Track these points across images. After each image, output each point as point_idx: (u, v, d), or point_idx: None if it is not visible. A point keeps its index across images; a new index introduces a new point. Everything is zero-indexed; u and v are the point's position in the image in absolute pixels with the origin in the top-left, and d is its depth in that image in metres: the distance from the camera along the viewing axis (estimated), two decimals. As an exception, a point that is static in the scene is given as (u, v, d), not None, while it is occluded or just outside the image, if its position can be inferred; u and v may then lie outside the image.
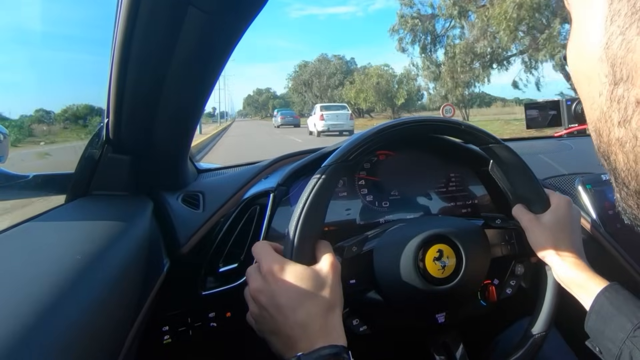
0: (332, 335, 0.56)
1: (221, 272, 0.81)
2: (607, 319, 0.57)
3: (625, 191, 0.32)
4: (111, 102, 0.70)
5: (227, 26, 0.60)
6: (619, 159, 0.31)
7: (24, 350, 0.33)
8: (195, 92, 0.73)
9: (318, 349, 0.53)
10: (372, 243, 0.72)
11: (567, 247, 0.68)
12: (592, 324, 0.60)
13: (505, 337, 0.87)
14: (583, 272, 0.65)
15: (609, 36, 0.28)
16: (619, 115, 0.29)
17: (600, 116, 0.31)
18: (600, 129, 0.32)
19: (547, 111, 1.50)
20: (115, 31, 0.60)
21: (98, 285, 0.48)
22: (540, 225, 0.70)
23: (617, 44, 0.28)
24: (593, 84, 0.31)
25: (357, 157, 0.68)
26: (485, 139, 0.74)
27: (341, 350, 0.54)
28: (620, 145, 0.30)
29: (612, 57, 0.28)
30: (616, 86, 0.29)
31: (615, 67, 0.28)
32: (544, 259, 0.70)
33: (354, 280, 0.72)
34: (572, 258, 0.67)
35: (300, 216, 0.61)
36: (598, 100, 0.31)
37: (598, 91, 0.30)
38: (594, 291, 0.61)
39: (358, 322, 0.71)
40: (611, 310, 0.57)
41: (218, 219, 0.86)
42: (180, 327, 0.80)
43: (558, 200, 0.72)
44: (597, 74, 0.30)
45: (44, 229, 0.62)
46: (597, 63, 0.30)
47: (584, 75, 0.32)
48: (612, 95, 0.29)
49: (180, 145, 0.85)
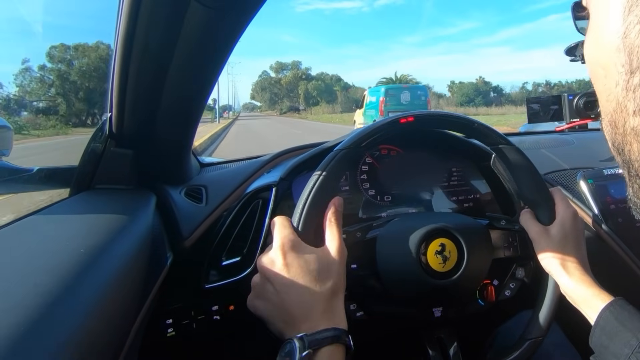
0: (334, 318, 0.56)
1: (224, 266, 0.82)
2: (611, 335, 0.57)
3: (639, 183, 0.32)
4: (114, 96, 0.70)
5: (229, 20, 0.60)
6: (634, 148, 0.31)
7: (30, 342, 0.33)
8: (197, 86, 0.73)
9: (321, 331, 0.54)
10: (377, 231, 0.73)
11: (574, 262, 0.69)
12: (597, 339, 0.59)
13: (500, 336, 0.87)
14: (589, 288, 0.65)
15: (627, 25, 0.29)
16: (634, 104, 0.30)
17: (616, 107, 0.32)
18: (616, 120, 0.32)
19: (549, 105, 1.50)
20: (118, 25, 0.60)
21: (102, 279, 0.48)
22: (548, 239, 0.70)
23: (634, 33, 0.28)
24: (610, 74, 0.31)
25: (368, 144, 0.69)
26: (496, 139, 0.74)
27: (343, 334, 0.55)
28: (636, 134, 0.30)
29: (630, 46, 0.29)
30: (632, 75, 0.29)
31: (632, 55, 0.29)
32: (550, 273, 0.70)
33: (355, 266, 0.72)
34: (578, 273, 0.67)
35: (311, 193, 0.63)
36: (614, 91, 0.31)
37: (615, 81, 0.31)
38: (599, 306, 0.61)
39: (355, 307, 0.72)
40: (616, 325, 0.57)
41: (221, 212, 0.87)
42: (184, 320, 0.81)
43: (564, 213, 0.72)
44: (614, 64, 0.31)
45: (47, 223, 0.63)
46: (614, 53, 0.30)
47: (601, 67, 0.33)
48: (628, 85, 0.30)
49: (182, 139, 0.85)
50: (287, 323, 0.57)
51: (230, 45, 0.65)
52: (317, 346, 0.52)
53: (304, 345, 0.51)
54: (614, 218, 0.94)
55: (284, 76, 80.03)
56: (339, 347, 0.54)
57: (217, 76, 0.72)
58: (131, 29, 0.59)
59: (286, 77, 79.09)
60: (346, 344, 0.55)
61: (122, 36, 0.60)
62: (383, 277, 0.72)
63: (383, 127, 0.71)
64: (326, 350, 0.52)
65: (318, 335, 0.53)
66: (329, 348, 0.53)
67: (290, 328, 0.56)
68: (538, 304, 0.72)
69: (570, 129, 1.44)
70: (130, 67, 0.65)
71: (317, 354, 0.52)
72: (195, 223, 0.83)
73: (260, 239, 0.81)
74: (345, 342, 0.54)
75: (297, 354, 0.51)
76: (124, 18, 0.57)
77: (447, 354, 0.75)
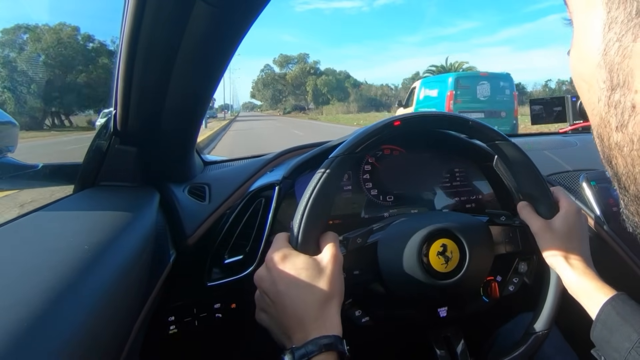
0: (327, 325, 0.56)
1: (227, 264, 0.82)
2: (613, 329, 0.57)
3: (627, 196, 0.33)
4: (119, 93, 0.71)
5: (233, 19, 0.60)
6: (619, 162, 0.31)
7: (32, 339, 0.34)
8: (201, 84, 0.73)
9: (310, 341, 0.54)
10: (377, 235, 0.73)
11: (577, 256, 0.69)
12: (598, 333, 0.59)
13: (506, 333, 0.87)
14: (592, 281, 0.65)
15: (607, 43, 0.29)
16: (616, 120, 0.30)
17: (600, 122, 0.32)
18: (601, 134, 0.32)
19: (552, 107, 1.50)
20: (124, 23, 0.60)
21: (105, 276, 0.49)
22: (550, 232, 0.70)
23: (614, 50, 0.28)
24: (592, 89, 0.31)
25: (364, 149, 0.69)
26: (492, 135, 0.74)
27: (335, 340, 0.54)
28: (619, 149, 0.31)
29: (610, 63, 0.29)
30: (613, 91, 0.29)
31: (612, 72, 0.29)
32: (552, 266, 0.70)
33: (357, 271, 0.72)
34: (581, 267, 0.67)
35: (307, 206, 0.62)
36: (597, 106, 0.31)
37: (597, 97, 0.31)
38: (601, 300, 0.61)
39: (360, 313, 0.72)
40: (617, 320, 0.57)
41: (224, 211, 0.87)
42: (186, 317, 0.81)
43: (568, 207, 0.72)
44: (596, 80, 0.31)
45: (52, 219, 0.63)
46: (595, 69, 0.30)
47: (585, 82, 0.33)
48: (610, 101, 0.30)
49: (186, 137, 0.86)
50: (284, 334, 0.58)
51: (235, 43, 0.65)
52: (305, 357, 0.52)
53: (293, 359, 0.52)
54: (616, 220, 0.94)
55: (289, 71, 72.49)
56: (331, 354, 0.53)
57: (222, 74, 0.73)
58: (136, 27, 0.59)
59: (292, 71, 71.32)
60: (338, 351, 0.54)
61: (128, 34, 0.61)
62: (386, 281, 0.72)
63: (377, 131, 0.70)
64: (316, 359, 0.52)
65: (308, 345, 0.53)
66: (319, 357, 0.52)
67: (287, 338, 0.57)
68: (541, 299, 0.72)
69: (573, 131, 1.44)
70: (135, 64, 0.65)
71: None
72: (198, 221, 0.84)
73: (263, 238, 0.81)
74: (337, 349, 0.54)
75: None
76: (129, 16, 0.58)
77: (454, 352, 0.75)
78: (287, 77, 70.98)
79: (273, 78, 74.25)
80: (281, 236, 0.64)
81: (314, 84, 66.79)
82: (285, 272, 0.58)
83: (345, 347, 0.55)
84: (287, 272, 0.58)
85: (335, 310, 0.59)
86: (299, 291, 0.57)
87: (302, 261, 0.60)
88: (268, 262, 0.60)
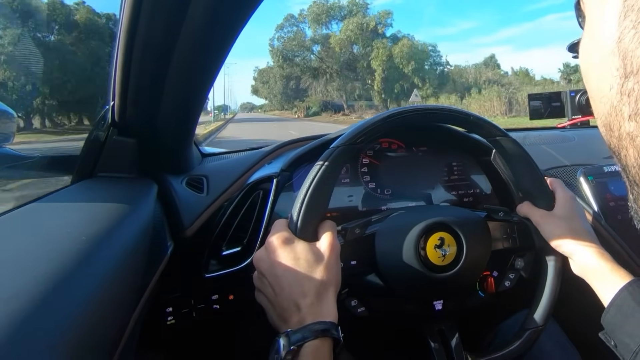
0: (322, 311, 0.57)
1: (224, 256, 0.82)
2: (628, 315, 0.56)
3: (637, 190, 0.32)
4: (117, 85, 0.70)
5: (232, 9, 0.59)
6: (630, 153, 0.31)
7: (29, 330, 0.34)
8: (200, 75, 0.73)
9: (306, 326, 0.54)
10: (375, 227, 0.73)
11: (587, 237, 0.68)
12: (611, 317, 0.59)
13: (507, 329, 0.88)
14: (607, 263, 0.64)
15: (622, 30, 0.29)
16: (630, 108, 0.30)
17: (610, 110, 0.32)
18: (610, 123, 0.32)
19: (551, 102, 1.49)
20: (122, 14, 0.60)
21: (102, 267, 0.49)
22: (554, 217, 0.70)
23: (629, 38, 0.28)
24: (604, 77, 0.31)
25: (364, 140, 0.69)
26: (492, 131, 0.74)
27: (330, 327, 0.55)
28: (631, 139, 0.30)
29: (624, 50, 0.29)
30: (627, 79, 0.29)
31: (626, 60, 0.29)
32: (560, 249, 0.69)
33: (355, 262, 0.73)
34: (594, 247, 0.66)
35: (307, 193, 0.63)
36: (608, 94, 0.31)
37: (609, 84, 0.31)
38: (616, 284, 0.60)
39: (356, 303, 0.72)
40: (633, 306, 0.56)
41: (222, 202, 0.87)
42: (184, 308, 0.82)
43: (564, 194, 0.72)
44: (609, 67, 0.31)
45: (49, 210, 0.63)
46: (609, 56, 0.30)
47: (595, 69, 0.33)
48: (623, 89, 0.30)
49: (184, 128, 0.85)
50: (280, 317, 0.58)
51: (233, 35, 0.65)
52: (301, 341, 0.53)
53: (289, 342, 0.53)
54: (614, 215, 0.94)
55: (333, 34, 38.09)
56: (325, 340, 0.54)
57: (220, 66, 0.72)
58: (134, 18, 0.59)
59: (345, 30, 35.94)
60: (334, 337, 0.55)
61: (125, 25, 0.60)
62: (383, 273, 0.73)
63: (377, 123, 0.70)
64: (311, 344, 0.53)
65: (303, 330, 0.54)
66: (314, 342, 0.53)
67: (283, 322, 0.57)
68: (537, 294, 0.73)
69: (571, 126, 1.44)
70: (133, 55, 0.65)
71: (302, 349, 0.52)
72: (196, 213, 0.84)
73: (261, 230, 0.81)
74: (332, 335, 0.55)
75: (282, 351, 0.52)
76: (127, 7, 0.57)
77: (448, 345, 0.75)
78: (331, 42, 37.37)
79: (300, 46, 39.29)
80: (281, 221, 0.64)
81: (387, 55, 34.09)
82: (283, 256, 0.59)
83: (340, 333, 0.56)
84: (286, 256, 0.59)
85: (332, 298, 0.59)
86: (297, 276, 0.58)
87: (300, 247, 0.60)
88: (268, 244, 0.61)
